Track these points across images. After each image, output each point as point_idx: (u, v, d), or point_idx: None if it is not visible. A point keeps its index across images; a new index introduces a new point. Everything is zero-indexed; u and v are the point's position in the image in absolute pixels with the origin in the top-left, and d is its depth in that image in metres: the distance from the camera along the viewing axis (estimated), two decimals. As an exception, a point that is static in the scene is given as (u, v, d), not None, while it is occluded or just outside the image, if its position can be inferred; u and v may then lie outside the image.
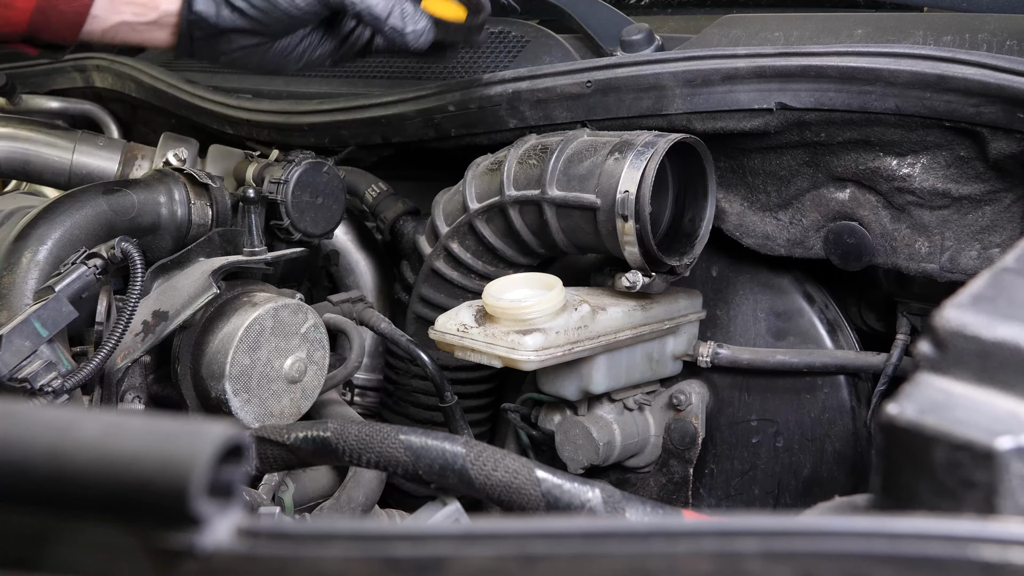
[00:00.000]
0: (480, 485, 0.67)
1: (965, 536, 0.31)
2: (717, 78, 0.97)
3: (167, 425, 0.35)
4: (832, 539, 0.31)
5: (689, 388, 1.10)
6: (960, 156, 0.92)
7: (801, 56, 0.94)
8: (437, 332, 0.97)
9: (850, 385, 1.06)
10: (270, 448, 0.76)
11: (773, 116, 0.97)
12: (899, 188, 0.96)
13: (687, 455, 1.09)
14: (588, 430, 1.04)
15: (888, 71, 0.90)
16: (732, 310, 1.11)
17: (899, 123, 0.92)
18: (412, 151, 1.21)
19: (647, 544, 0.31)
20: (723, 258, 1.12)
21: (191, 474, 0.33)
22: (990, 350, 0.39)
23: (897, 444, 0.38)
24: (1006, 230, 0.93)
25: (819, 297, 1.09)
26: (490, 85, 1.09)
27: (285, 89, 1.34)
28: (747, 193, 1.06)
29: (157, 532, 0.34)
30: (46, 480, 0.35)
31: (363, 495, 0.99)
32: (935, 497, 0.37)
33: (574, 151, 1.00)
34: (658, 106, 1.01)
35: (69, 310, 0.89)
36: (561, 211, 0.99)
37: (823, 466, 1.07)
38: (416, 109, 1.14)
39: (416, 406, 1.18)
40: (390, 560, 0.32)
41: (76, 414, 0.37)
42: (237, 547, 0.34)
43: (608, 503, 0.65)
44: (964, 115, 0.88)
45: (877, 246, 0.99)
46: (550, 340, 0.92)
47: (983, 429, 0.36)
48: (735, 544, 0.30)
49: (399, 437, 0.69)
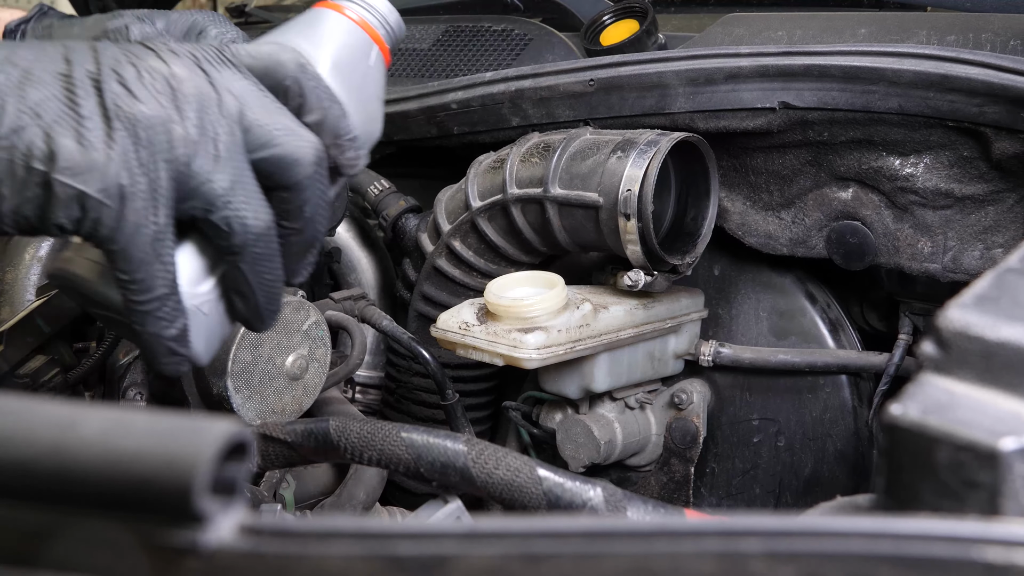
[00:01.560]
0: (482, 483, 0.67)
1: (969, 537, 0.31)
2: (720, 77, 0.97)
3: (170, 422, 0.35)
4: (836, 539, 0.30)
5: (691, 387, 1.10)
6: (963, 156, 0.92)
7: (804, 55, 0.94)
8: (439, 330, 0.97)
9: (852, 385, 1.06)
10: (272, 445, 0.76)
11: (776, 115, 0.96)
12: (902, 188, 0.96)
13: (688, 454, 1.09)
14: (589, 428, 1.04)
15: (891, 71, 0.90)
16: (734, 309, 1.11)
17: (902, 123, 0.92)
18: (415, 149, 1.21)
19: (650, 544, 0.31)
20: (725, 257, 1.12)
21: (194, 471, 0.33)
22: (994, 350, 0.39)
23: (900, 444, 0.38)
24: (1009, 230, 0.93)
25: (821, 297, 1.09)
26: (493, 83, 1.09)
27: (287, 86, 1.34)
28: (750, 192, 1.06)
29: (159, 529, 0.34)
30: (48, 476, 0.35)
31: (364, 492, 0.99)
32: (938, 498, 0.37)
33: (577, 149, 1.00)
34: (661, 105, 1.01)
35: (72, 306, 0.89)
36: (563, 209, 0.99)
37: (824, 466, 1.07)
38: (419, 107, 1.13)
39: (417, 404, 1.18)
40: (394, 558, 0.32)
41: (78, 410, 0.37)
42: (240, 545, 0.34)
43: (609, 502, 0.65)
44: (967, 115, 0.88)
45: (880, 246, 0.99)
46: (552, 338, 0.92)
47: (987, 430, 0.36)
48: (739, 544, 0.30)
49: (401, 435, 0.69)
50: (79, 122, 0.57)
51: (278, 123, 0.63)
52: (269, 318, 0.66)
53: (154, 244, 0.59)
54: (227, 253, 0.62)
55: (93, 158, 0.56)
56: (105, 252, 0.58)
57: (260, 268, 0.63)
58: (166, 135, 0.59)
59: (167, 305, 0.61)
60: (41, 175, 0.55)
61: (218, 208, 0.60)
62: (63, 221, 0.56)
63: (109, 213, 0.57)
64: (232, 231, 0.61)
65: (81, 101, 0.58)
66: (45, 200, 0.56)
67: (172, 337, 0.61)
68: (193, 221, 0.61)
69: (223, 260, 0.63)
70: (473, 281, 1.10)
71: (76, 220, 0.56)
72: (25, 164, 0.55)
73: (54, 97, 0.57)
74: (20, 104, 0.56)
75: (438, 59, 1.27)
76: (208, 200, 0.60)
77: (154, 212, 0.58)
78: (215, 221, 0.60)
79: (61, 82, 0.58)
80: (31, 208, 0.56)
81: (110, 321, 0.67)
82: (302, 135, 0.64)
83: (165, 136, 0.59)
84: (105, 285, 0.63)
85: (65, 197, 0.56)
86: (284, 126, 0.63)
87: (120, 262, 0.58)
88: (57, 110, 0.57)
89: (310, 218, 0.64)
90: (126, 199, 0.57)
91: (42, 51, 0.59)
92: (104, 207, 0.56)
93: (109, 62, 0.60)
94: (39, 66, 0.58)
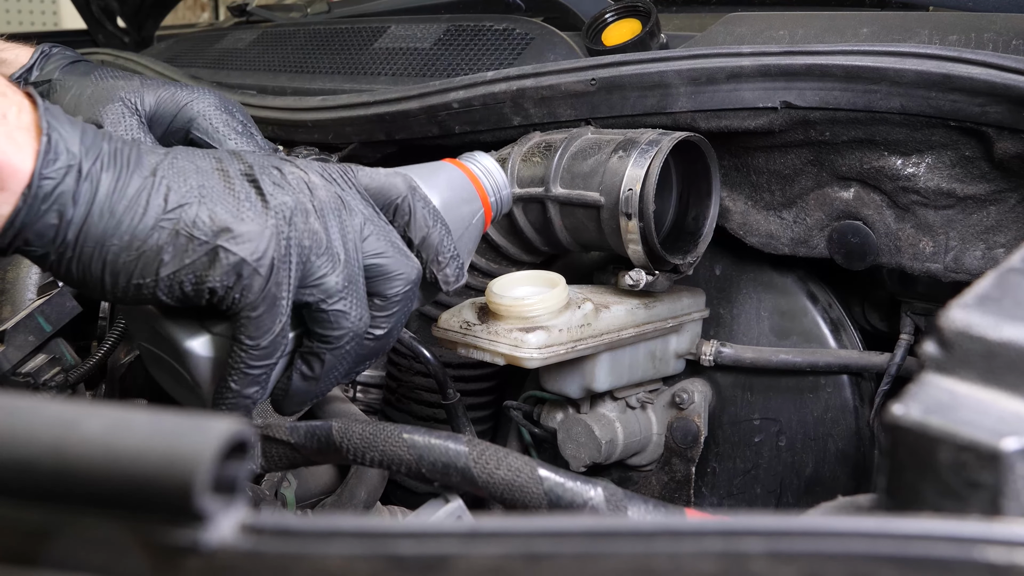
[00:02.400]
0: (483, 483, 0.67)
1: (971, 537, 0.31)
2: (722, 76, 0.97)
3: (171, 421, 0.35)
4: (838, 539, 0.30)
5: (692, 387, 1.10)
6: (965, 156, 0.92)
7: (806, 55, 0.94)
8: (440, 329, 0.97)
9: (853, 385, 1.06)
10: (275, 446, 0.76)
11: (778, 115, 0.96)
12: (904, 187, 0.96)
13: (689, 454, 1.09)
14: (590, 428, 1.04)
15: (893, 70, 0.90)
16: (735, 309, 1.11)
17: (904, 122, 0.92)
18: (416, 148, 1.21)
19: (652, 543, 0.31)
20: (726, 257, 1.12)
21: (196, 470, 0.33)
22: (996, 351, 0.39)
23: (902, 444, 0.38)
24: (1011, 230, 0.93)
25: (822, 296, 1.09)
26: (494, 82, 1.09)
27: (289, 85, 1.35)
28: (751, 192, 1.06)
29: (160, 528, 0.34)
30: (49, 475, 0.35)
31: (365, 492, 0.99)
32: (940, 498, 0.37)
33: (578, 149, 1.00)
34: (662, 104, 1.01)
35: (73, 305, 0.89)
36: (565, 209, 0.99)
37: (825, 465, 1.06)
38: (420, 106, 1.13)
39: (418, 403, 1.18)
40: (395, 558, 0.32)
41: (80, 409, 0.36)
42: (241, 544, 0.34)
43: (610, 502, 0.65)
44: (969, 115, 0.88)
45: (881, 245, 0.99)
46: (553, 338, 0.92)
47: (989, 430, 0.36)
48: (740, 544, 0.30)
49: (403, 436, 0.69)
50: (238, 203, 0.63)
51: (389, 238, 0.70)
52: (298, 406, 0.71)
53: (281, 317, 0.65)
54: (321, 341, 0.67)
55: (254, 230, 0.62)
56: (238, 321, 0.64)
57: (340, 362, 0.69)
58: (305, 226, 0.65)
59: (272, 374, 0.67)
60: (204, 244, 0.61)
61: (331, 302, 0.66)
62: (217, 285, 0.62)
63: (259, 282, 0.62)
64: (337, 325, 0.66)
65: (238, 187, 0.64)
66: (205, 266, 0.61)
67: (255, 398, 0.67)
68: (300, 307, 0.67)
69: (309, 347, 0.68)
70: (474, 280, 1.10)
71: (228, 287, 0.62)
72: (189, 234, 0.61)
73: (214, 183, 0.64)
74: (184, 187, 0.62)
75: (440, 58, 1.27)
76: (326, 292, 0.66)
77: (288, 288, 0.64)
78: (327, 311, 0.66)
79: (219, 174, 0.65)
80: (188, 273, 0.61)
81: (165, 371, 0.72)
82: (407, 254, 0.71)
83: (305, 227, 0.65)
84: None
85: (226, 264, 0.61)
86: (393, 243, 0.70)
87: (252, 329, 0.64)
88: (219, 191, 0.63)
89: (390, 330, 0.71)
90: (274, 271, 0.63)
91: (194, 154, 0.66)
92: (256, 276, 0.62)
93: (258, 163, 0.67)
94: (197, 163, 0.65)
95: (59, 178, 0.59)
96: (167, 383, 0.74)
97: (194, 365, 0.67)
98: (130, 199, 0.60)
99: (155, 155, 0.64)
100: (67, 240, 0.60)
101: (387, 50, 1.33)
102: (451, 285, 0.75)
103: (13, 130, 0.59)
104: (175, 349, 0.68)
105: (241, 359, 0.64)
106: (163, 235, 0.61)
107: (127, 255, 0.60)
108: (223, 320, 0.66)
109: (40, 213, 0.59)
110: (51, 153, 0.59)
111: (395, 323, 0.71)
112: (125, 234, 0.60)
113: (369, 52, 1.34)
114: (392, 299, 0.69)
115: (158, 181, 0.62)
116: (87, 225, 0.60)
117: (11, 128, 0.59)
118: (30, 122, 0.60)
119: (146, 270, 0.61)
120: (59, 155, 0.59)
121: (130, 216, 0.60)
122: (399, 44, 1.33)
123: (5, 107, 0.60)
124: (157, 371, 0.74)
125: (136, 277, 0.61)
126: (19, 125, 0.59)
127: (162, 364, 0.72)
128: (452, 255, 0.75)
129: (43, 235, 0.60)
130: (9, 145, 0.58)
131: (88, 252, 0.60)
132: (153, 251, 0.61)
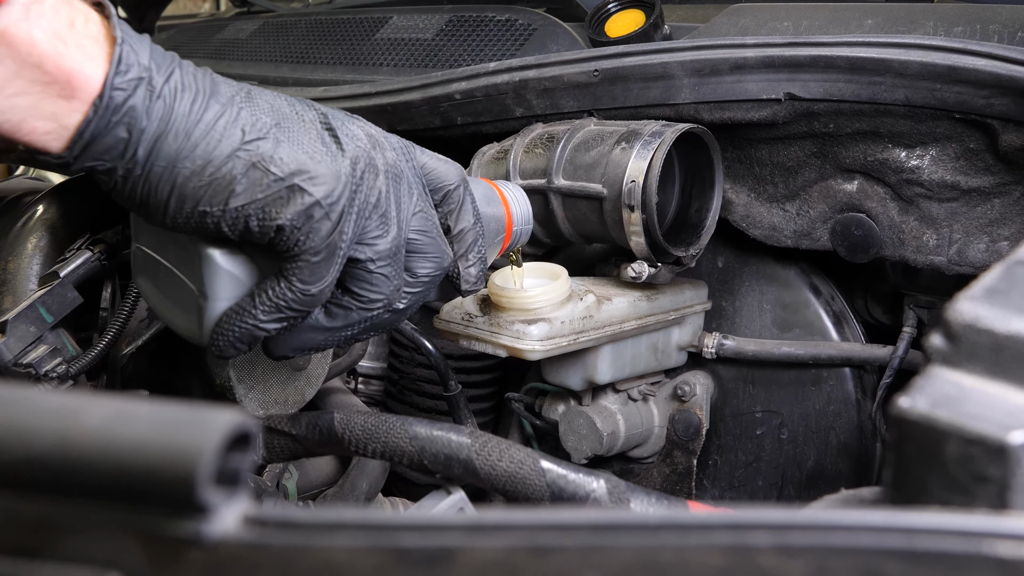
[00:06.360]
0: (485, 475, 0.67)
1: (979, 532, 0.30)
2: (725, 68, 0.97)
3: (173, 412, 0.35)
4: (845, 533, 0.30)
5: (694, 379, 1.09)
6: (970, 148, 0.92)
7: (810, 46, 0.93)
8: (442, 321, 0.97)
9: (855, 377, 1.06)
10: (277, 438, 0.76)
11: (781, 106, 0.96)
12: (907, 180, 0.96)
13: (691, 446, 1.09)
14: (592, 420, 1.04)
15: (898, 62, 0.89)
16: (738, 301, 1.11)
17: (908, 114, 0.92)
18: (418, 139, 1.20)
19: (658, 537, 0.31)
20: (729, 249, 1.12)
21: (198, 462, 0.33)
22: (1003, 343, 0.39)
23: (908, 438, 0.38)
24: (1015, 223, 0.93)
25: (825, 289, 1.09)
26: (497, 73, 1.08)
27: (291, 76, 1.34)
28: (754, 184, 1.05)
29: (163, 520, 0.33)
30: (51, 467, 0.34)
31: (367, 483, 0.99)
32: (946, 492, 0.37)
33: (581, 140, 0.99)
34: (666, 95, 1.00)
35: (74, 296, 0.89)
36: (567, 200, 0.99)
37: (827, 458, 1.06)
38: (422, 97, 1.13)
39: (420, 395, 1.18)
40: (399, 550, 0.32)
41: (82, 400, 0.36)
42: (244, 536, 0.34)
43: (612, 494, 0.65)
44: (974, 107, 0.88)
45: (884, 238, 0.98)
46: (555, 330, 0.92)
47: (996, 423, 0.36)
48: (747, 537, 0.30)
49: (405, 428, 0.69)
50: (315, 146, 0.62)
51: (433, 220, 0.70)
52: (291, 352, 0.70)
53: (336, 267, 0.63)
54: (355, 299, 0.67)
55: (330, 174, 0.61)
56: (295, 262, 0.62)
57: (357, 323, 0.68)
58: (374, 183, 0.64)
59: (302, 319, 0.66)
60: (280, 180, 0.60)
61: (380, 264, 0.65)
62: (286, 224, 0.60)
63: (327, 227, 0.61)
64: (377, 288, 0.66)
65: (314, 131, 0.63)
66: (277, 203, 0.60)
67: (268, 334, 0.66)
68: (344, 261, 0.65)
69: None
70: (476, 272, 1.09)
71: (296, 227, 0.60)
72: (266, 168, 0.59)
73: (291, 123, 0.62)
74: (261, 122, 0.61)
75: (442, 49, 1.26)
76: (377, 253, 0.65)
77: (348, 240, 0.63)
78: (373, 271, 0.65)
79: (295, 115, 0.63)
80: (258, 208, 0.60)
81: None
82: (445, 241, 0.71)
83: (373, 184, 0.64)
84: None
85: (300, 204, 0.60)
86: (436, 226, 0.70)
87: (307, 274, 0.62)
88: (297, 132, 0.62)
89: (407, 307, 0.70)
90: (342, 219, 0.62)
91: (268, 93, 0.64)
92: (326, 221, 0.61)
93: (331, 112, 0.66)
94: (272, 101, 0.63)
95: (130, 90, 0.57)
96: (154, 297, 0.71)
97: (211, 274, 0.64)
98: (207, 124, 0.59)
99: (230, 86, 0.62)
100: (137, 156, 0.58)
101: (389, 40, 1.32)
102: (471, 285, 0.75)
103: (82, 38, 0.57)
104: (192, 254, 0.65)
105: (283, 297, 0.62)
106: (238, 165, 0.59)
107: (198, 180, 0.59)
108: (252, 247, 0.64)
109: (111, 125, 0.57)
110: (122, 64, 0.57)
111: (414, 302, 0.70)
112: (199, 158, 0.58)
113: (371, 42, 1.33)
114: (421, 278, 0.69)
115: (236, 111, 0.60)
116: (160, 143, 0.58)
117: (79, 37, 0.57)
118: (99, 32, 0.58)
119: (215, 198, 0.59)
120: (130, 67, 0.57)
121: (206, 141, 0.58)
122: (401, 35, 1.32)
123: (72, 15, 0.57)
124: (148, 283, 0.71)
125: (203, 204, 0.59)
126: (87, 34, 0.57)
127: (158, 274, 0.68)
128: (481, 256, 0.75)
129: (112, 148, 0.58)
130: (79, 53, 0.56)
131: (158, 172, 0.58)
132: (226, 180, 0.59)
